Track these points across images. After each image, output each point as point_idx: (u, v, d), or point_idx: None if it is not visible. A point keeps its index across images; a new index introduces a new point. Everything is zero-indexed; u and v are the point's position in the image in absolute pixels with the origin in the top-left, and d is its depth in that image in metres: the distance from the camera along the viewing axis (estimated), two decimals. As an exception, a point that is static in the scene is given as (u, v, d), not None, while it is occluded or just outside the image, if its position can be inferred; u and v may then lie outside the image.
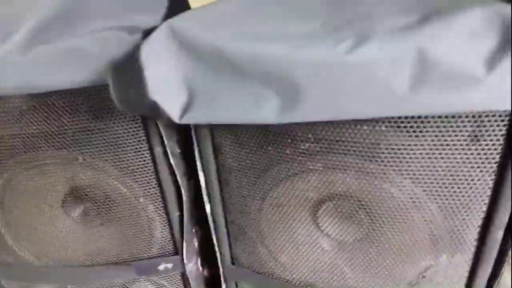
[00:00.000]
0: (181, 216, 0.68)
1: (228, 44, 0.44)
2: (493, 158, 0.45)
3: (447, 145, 0.45)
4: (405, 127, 0.45)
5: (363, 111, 0.42)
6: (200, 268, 0.77)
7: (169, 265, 0.72)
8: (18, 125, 0.59)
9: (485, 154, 0.45)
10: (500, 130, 0.43)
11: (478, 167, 0.46)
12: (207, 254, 0.79)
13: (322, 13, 0.46)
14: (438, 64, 0.38)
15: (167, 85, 0.46)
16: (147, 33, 0.49)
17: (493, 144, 0.44)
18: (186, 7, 0.68)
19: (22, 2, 0.55)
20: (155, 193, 0.65)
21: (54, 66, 0.49)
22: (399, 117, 0.45)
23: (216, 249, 0.70)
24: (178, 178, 0.63)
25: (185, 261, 0.71)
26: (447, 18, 0.40)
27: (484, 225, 0.50)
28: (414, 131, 0.46)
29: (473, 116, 0.43)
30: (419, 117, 0.44)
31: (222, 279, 0.74)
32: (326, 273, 0.62)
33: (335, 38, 0.42)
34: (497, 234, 0.50)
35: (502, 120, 0.42)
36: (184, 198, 0.65)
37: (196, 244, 0.74)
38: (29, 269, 0.76)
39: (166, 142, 0.59)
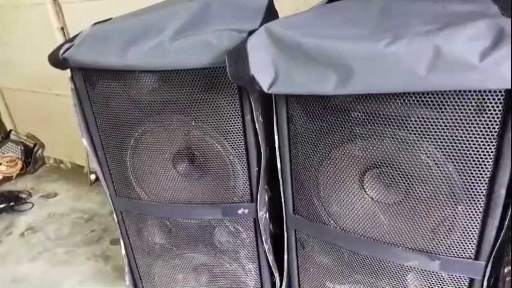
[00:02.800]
0: (259, 172, 0.90)
1: (304, 39, 0.66)
2: (494, 127, 0.61)
3: (459, 116, 0.62)
4: (428, 102, 0.63)
5: (393, 87, 0.61)
6: (268, 219, 0.99)
7: (246, 210, 0.94)
8: (154, 94, 0.86)
9: (488, 124, 0.61)
10: (498, 105, 0.59)
11: (483, 134, 0.62)
12: (274, 213, 1.00)
13: (369, 24, 0.67)
14: (447, 55, 0.57)
15: (261, 65, 0.69)
16: (250, 32, 0.73)
17: (494, 116, 0.60)
18: (276, 17, 0.92)
19: (170, 11, 0.83)
20: (242, 152, 0.88)
21: (189, 52, 0.75)
22: (423, 94, 0.63)
23: (282, 200, 0.91)
24: (260, 140, 0.85)
25: (258, 207, 0.93)
26: (457, 27, 0.58)
27: (491, 183, 0.65)
28: (435, 106, 0.63)
29: (477, 94, 0.60)
30: (438, 94, 0.62)
31: (284, 226, 0.95)
32: (366, 221, 0.80)
33: (378, 38, 0.62)
34: (501, 191, 0.65)
35: (499, 98, 0.59)
36: (263, 156, 0.87)
37: (266, 198, 0.96)
38: (140, 204, 1.03)
39: (254, 112, 0.82)
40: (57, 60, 0.83)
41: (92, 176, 2.21)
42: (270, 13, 0.88)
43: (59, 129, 2.24)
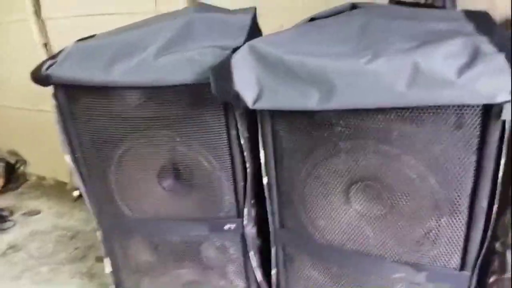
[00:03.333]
0: (245, 187, 0.90)
1: (287, 56, 0.67)
2: (473, 142, 0.63)
3: (439, 131, 0.64)
4: (409, 117, 0.65)
5: (374, 102, 0.62)
6: (255, 234, 0.98)
7: (233, 226, 0.94)
8: (139, 110, 0.86)
9: (467, 138, 0.63)
10: (475, 120, 0.61)
11: (463, 148, 0.63)
12: (260, 228, 1.00)
13: (351, 41, 0.68)
14: (426, 72, 0.58)
15: (246, 82, 0.69)
16: (234, 49, 0.73)
17: (472, 130, 0.62)
18: (260, 34, 0.93)
19: (154, 28, 0.83)
20: (227, 166, 0.88)
21: (173, 68, 0.75)
22: (404, 109, 0.64)
23: (269, 215, 0.91)
24: (246, 155, 0.85)
25: (244, 222, 0.92)
26: (435, 44, 0.60)
27: (472, 195, 0.66)
28: (416, 120, 0.65)
29: (455, 110, 0.61)
30: (418, 109, 0.63)
31: (271, 241, 0.94)
32: (353, 235, 0.81)
33: (359, 55, 0.63)
34: (483, 203, 0.66)
35: (477, 113, 0.60)
36: (249, 171, 0.87)
37: (253, 213, 0.96)
38: (125, 221, 1.01)
39: (239, 127, 0.82)
40: (39, 77, 0.82)
41: (76, 193, 2.16)
42: (254, 31, 0.89)
43: (42, 145, 2.20)
